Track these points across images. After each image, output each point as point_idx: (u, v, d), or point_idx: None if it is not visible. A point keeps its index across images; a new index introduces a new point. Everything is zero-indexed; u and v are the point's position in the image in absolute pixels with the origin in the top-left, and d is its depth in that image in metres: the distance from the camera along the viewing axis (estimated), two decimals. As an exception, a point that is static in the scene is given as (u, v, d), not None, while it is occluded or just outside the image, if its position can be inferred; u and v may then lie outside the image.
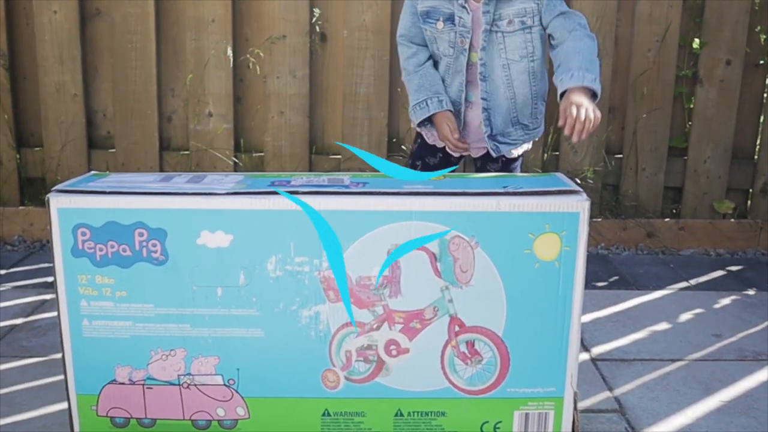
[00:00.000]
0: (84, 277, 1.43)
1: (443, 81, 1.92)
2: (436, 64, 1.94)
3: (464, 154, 1.98)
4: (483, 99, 1.88)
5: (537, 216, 1.41)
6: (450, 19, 1.83)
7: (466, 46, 1.83)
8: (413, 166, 2.05)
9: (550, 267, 1.43)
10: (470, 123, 1.93)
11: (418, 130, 2.02)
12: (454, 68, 1.88)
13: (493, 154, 1.92)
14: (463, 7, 1.81)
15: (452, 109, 1.91)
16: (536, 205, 1.40)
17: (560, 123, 1.62)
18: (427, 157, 2.01)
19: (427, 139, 2.00)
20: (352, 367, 1.47)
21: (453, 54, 1.86)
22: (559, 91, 1.70)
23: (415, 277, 1.43)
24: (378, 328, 1.46)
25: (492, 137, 1.90)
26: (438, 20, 1.84)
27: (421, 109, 1.92)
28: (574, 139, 1.43)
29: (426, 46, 1.92)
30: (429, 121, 1.94)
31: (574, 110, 1.44)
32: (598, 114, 1.54)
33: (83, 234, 1.41)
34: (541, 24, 1.81)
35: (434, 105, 1.90)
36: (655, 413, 1.69)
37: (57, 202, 1.40)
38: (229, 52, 2.77)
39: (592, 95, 1.70)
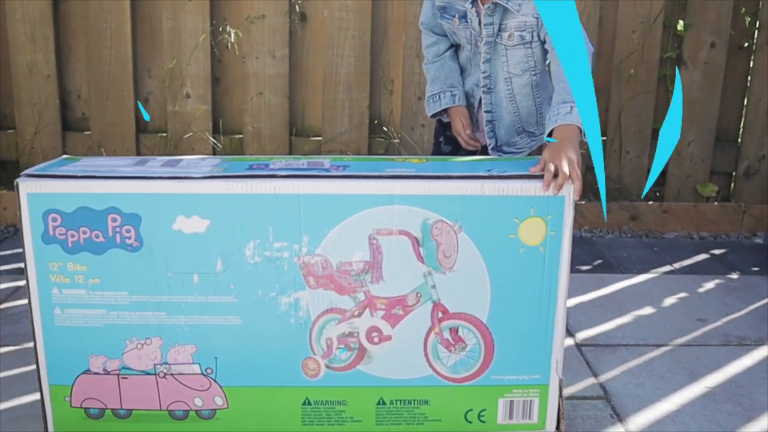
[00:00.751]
0: (55, 264, 1.39)
1: (464, 71, 1.89)
2: (458, 50, 1.89)
3: (476, 148, 1.93)
4: (487, 111, 1.84)
5: (522, 200, 1.37)
6: (464, 17, 1.78)
7: (480, 50, 1.79)
8: (437, 143, 2.02)
9: (535, 252, 1.40)
10: (481, 122, 1.89)
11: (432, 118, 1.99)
12: (473, 62, 1.83)
13: None
14: (472, 9, 1.76)
15: (465, 103, 1.88)
16: (521, 189, 1.37)
17: (532, 170, 1.50)
18: (448, 131, 1.97)
19: (443, 119, 1.97)
20: (333, 355, 1.44)
21: (471, 50, 1.82)
22: (546, 132, 1.58)
23: (397, 262, 1.39)
24: (359, 314, 1.42)
25: (497, 148, 1.86)
26: (454, 17, 1.79)
27: (434, 102, 1.89)
28: (549, 193, 1.38)
29: (447, 36, 1.88)
30: (443, 111, 1.91)
31: (552, 167, 1.39)
32: (576, 168, 1.42)
33: (54, 220, 1.37)
34: (540, 39, 1.75)
35: (446, 99, 1.87)
36: (640, 400, 1.67)
37: (26, 187, 1.36)
38: (221, 35, 2.71)
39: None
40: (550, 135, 1.52)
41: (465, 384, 1.47)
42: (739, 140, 2.94)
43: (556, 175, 1.38)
